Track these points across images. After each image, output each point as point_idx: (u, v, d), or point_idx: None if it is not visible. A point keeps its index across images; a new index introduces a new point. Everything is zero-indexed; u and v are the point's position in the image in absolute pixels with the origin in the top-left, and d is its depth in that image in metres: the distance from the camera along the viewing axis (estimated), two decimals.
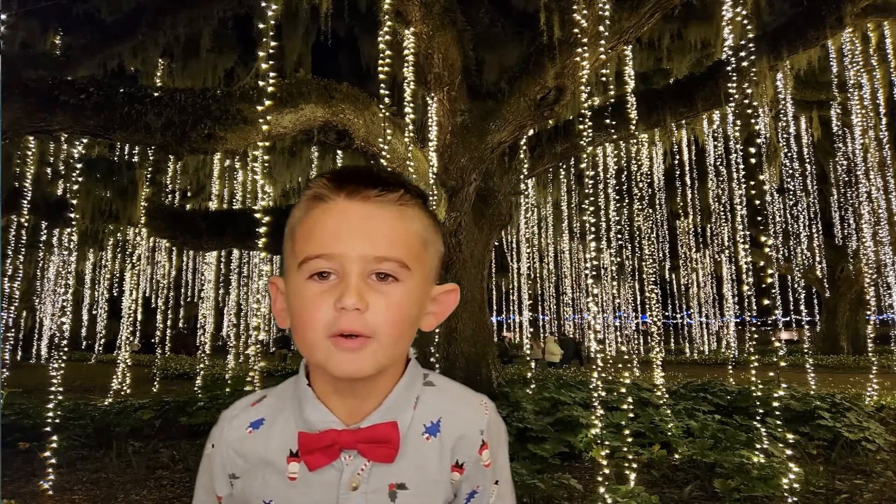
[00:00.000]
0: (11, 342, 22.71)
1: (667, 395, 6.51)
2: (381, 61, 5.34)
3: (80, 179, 7.23)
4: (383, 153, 5.64)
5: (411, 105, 5.99)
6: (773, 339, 17.73)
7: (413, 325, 0.73)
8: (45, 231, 12.37)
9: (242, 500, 0.74)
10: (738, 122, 9.42)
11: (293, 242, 0.72)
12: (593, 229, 5.90)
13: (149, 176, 8.67)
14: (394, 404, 0.73)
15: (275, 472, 0.72)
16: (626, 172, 12.36)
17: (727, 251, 17.43)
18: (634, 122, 6.69)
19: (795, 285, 18.37)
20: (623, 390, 5.22)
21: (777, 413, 4.61)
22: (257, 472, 0.73)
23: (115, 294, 18.31)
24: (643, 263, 10.62)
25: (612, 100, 7.83)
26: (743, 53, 5.52)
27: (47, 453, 4.40)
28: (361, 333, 0.67)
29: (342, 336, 0.67)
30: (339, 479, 0.70)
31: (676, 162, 14.35)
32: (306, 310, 0.68)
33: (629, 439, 4.68)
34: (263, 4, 4.37)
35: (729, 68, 5.95)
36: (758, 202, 5.88)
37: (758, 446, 4.75)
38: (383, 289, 0.68)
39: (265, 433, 0.74)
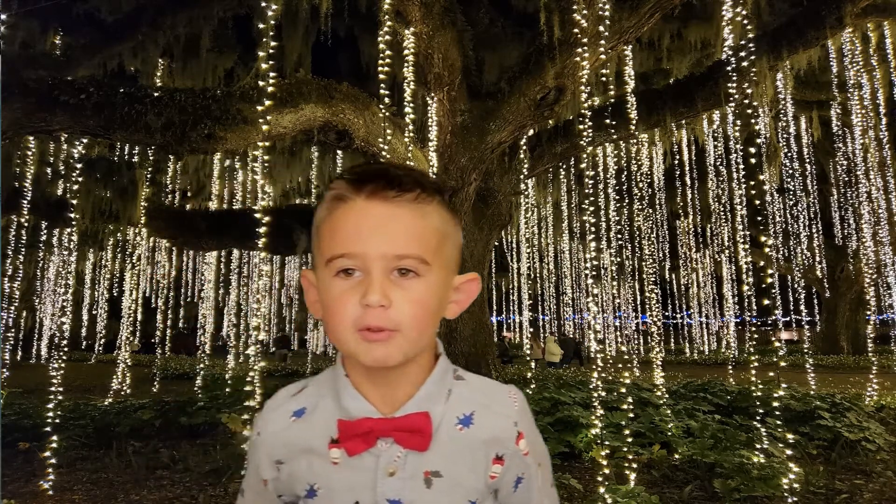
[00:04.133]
0: (11, 342, 22.70)
1: (667, 395, 6.50)
2: (381, 61, 5.33)
3: (80, 179, 7.23)
4: (383, 153, 5.64)
5: (411, 105, 5.99)
6: (773, 339, 17.73)
7: (436, 315, 0.76)
8: (45, 231, 12.37)
9: (289, 484, 0.79)
10: (738, 122, 9.42)
11: (319, 241, 0.76)
12: (593, 229, 5.90)
13: (149, 176, 8.68)
14: (426, 395, 0.77)
15: (318, 457, 0.76)
16: (626, 172, 12.36)
17: (727, 251, 17.43)
18: (634, 122, 6.69)
19: (795, 285, 18.36)
20: (623, 390, 5.22)
21: (777, 413, 4.61)
22: (301, 458, 0.77)
23: (115, 294, 18.30)
24: (643, 263, 10.62)
25: (612, 100, 7.84)
26: (743, 53, 5.51)
27: (47, 453, 4.40)
28: (386, 328, 0.71)
29: (369, 330, 0.71)
30: (377, 464, 0.74)
31: (676, 162, 14.36)
32: (334, 306, 0.73)
33: (629, 439, 4.68)
34: (263, 4, 4.37)
35: (729, 68, 5.94)
36: (758, 202, 5.87)
37: (758, 446, 4.75)
38: (405, 284, 0.72)
39: (307, 421, 0.79)
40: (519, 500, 0.81)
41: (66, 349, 6.97)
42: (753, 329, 11.56)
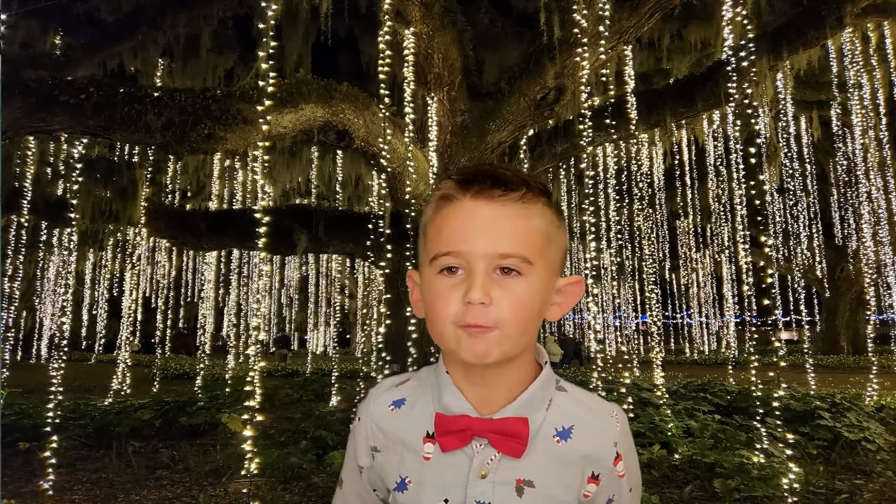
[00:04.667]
0: (11, 342, 22.70)
1: (667, 395, 6.50)
2: (381, 61, 5.34)
3: (80, 179, 7.23)
4: (383, 153, 5.64)
5: (411, 105, 5.99)
6: (773, 339, 17.72)
7: (537, 316, 0.76)
8: (45, 231, 12.36)
9: (381, 474, 0.81)
10: (738, 122, 9.41)
11: (425, 239, 0.78)
12: (593, 229, 5.90)
13: (149, 176, 8.67)
14: (527, 402, 0.76)
15: (412, 450, 0.77)
16: (626, 172, 12.36)
17: (727, 251, 17.42)
18: (634, 122, 6.69)
19: (795, 285, 18.35)
20: (623, 390, 5.22)
21: (777, 413, 4.61)
22: (396, 449, 0.79)
23: (115, 294, 18.29)
24: (643, 263, 10.62)
25: (612, 100, 7.83)
26: (743, 53, 5.51)
27: (47, 453, 4.40)
28: (486, 326, 0.71)
29: (469, 326, 0.71)
30: (470, 465, 0.74)
31: (676, 162, 14.35)
32: (437, 302, 0.74)
33: None
34: (263, 4, 4.37)
35: (729, 68, 5.94)
36: (758, 202, 5.87)
37: (758, 446, 4.75)
38: (507, 283, 0.72)
39: (406, 413, 0.80)
40: None
41: (66, 349, 6.97)
42: (753, 329, 11.56)
